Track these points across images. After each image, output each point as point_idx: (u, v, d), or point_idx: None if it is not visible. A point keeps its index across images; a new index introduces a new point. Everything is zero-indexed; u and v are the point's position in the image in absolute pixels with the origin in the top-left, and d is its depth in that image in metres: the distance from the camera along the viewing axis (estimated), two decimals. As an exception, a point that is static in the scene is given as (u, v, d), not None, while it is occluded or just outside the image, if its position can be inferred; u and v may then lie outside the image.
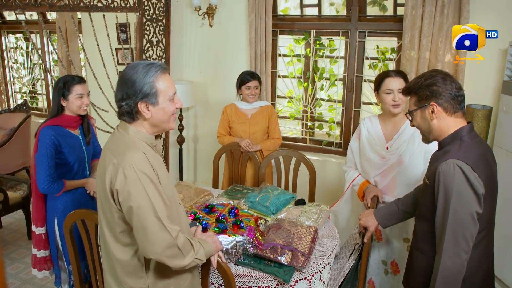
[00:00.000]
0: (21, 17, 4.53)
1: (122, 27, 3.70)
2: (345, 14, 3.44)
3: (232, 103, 3.05)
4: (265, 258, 1.75)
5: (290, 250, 1.74)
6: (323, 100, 3.69)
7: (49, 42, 4.90)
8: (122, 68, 1.81)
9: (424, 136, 1.61)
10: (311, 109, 3.73)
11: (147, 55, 3.41)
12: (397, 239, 2.14)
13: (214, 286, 1.72)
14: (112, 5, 2.96)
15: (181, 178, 4.12)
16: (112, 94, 1.60)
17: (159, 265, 1.41)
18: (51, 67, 5.26)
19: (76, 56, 4.61)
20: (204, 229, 1.78)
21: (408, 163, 2.06)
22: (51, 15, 4.95)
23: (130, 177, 1.28)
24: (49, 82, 5.11)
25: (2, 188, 3.31)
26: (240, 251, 1.75)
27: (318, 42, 3.58)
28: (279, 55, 3.75)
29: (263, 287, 1.69)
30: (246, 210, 2.15)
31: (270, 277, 1.69)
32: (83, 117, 2.28)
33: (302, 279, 1.73)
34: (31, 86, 5.41)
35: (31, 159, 2.21)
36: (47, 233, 2.32)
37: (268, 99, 3.58)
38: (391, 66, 3.36)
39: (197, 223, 1.83)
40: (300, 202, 2.31)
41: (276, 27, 3.63)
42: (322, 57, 3.59)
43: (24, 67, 5.39)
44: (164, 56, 3.59)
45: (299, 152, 2.79)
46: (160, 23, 3.46)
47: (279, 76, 3.80)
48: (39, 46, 5.09)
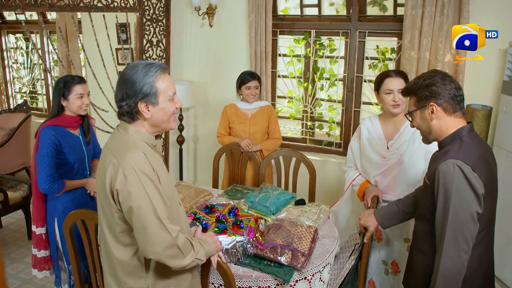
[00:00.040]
0: (21, 17, 4.53)
1: (122, 27, 3.70)
2: (345, 14, 3.44)
3: (232, 103, 3.05)
4: (265, 258, 1.75)
5: (290, 250, 1.74)
6: (323, 100, 3.69)
7: (49, 42, 4.89)
8: (122, 68, 1.81)
9: (424, 137, 1.61)
10: (311, 109, 3.73)
11: (147, 55, 3.41)
12: (398, 239, 2.14)
13: (214, 286, 1.72)
14: (112, 5, 2.96)
15: (181, 178, 4.12)
16: (112, 94, 1.60)
17: (159, 265, 1.41)
18: (51, 67, 5.26)
19: (76, 56, 4.61)
20: (204, 229, 1.78)
21: (409, 163, 2.06)
22: (51, 15, 4.95)
23: (130, 177, 1.28)
24: (49, 82, 5.10)
25: (2, 188, 3.31)
26: (240, 251, 1.75)
27: (318, 42, 3.58)
28: (279, 55, 3.75)
29: (263, 287, 1.69)
30: (246, 210, 2.15)
31: (270, 277, 1.69)
32: (83, 117, 2.29)
33: (302, 279, 1.73)
34: (31, 86, 5.41)
35: (32, 159, 2.21)
36: (47, 233, 2.32)
37: (268, 99, 3.58)
38: (391, 66, 3.35)
39: (197, 223, 1.83)
40: (300, 202, 2.31)
41: (276, 27, 3.63)
42: (322, 57, 3.59)
43: (24, 67, 5.39)
44: (164, 56, 3.59)
45: (299, 152, 2.79)
46: (160, 23, 3.46)
47: (279, 76, 3.80)
48: (39, 46, 5.09)
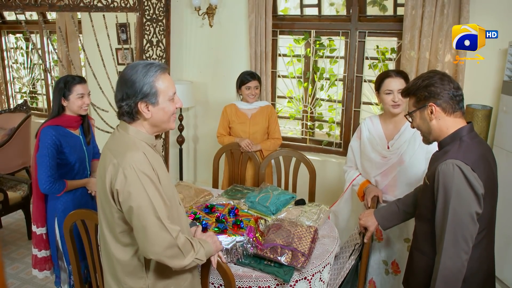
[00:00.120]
0: (21, 17, 4.53)
1: (122, 27, 3.70)
2: (345, 14, 3.44)
3: (232, 103, 3.05)
4: (265, 258, 1.75)
5: (290, 250, 1.74)
6: (323, 100, 3.69)
7: (49, 42, 4.89)
8: (122, 68, 1.81)
9: (424, 137, 1.61)
10: (311, 109, 3.73)
11: (147, 55, 3.41)
12: (398, 239, 2.14)
13: (214, 286, 1.73)
14: (112, 5, 2.96)
15: (181, 178, 4.12)
16: (112, 94, 1.60)
17: (159, 265, 1.41)
18: (51, 67, 5.26)
19: (76, 56, 4.61)
20: (204, 229, 1.78)
21: (409, 163, 2.06)
22: (51, 15, 4.95)
23: (130, 177, 1.28)
24: (49, 82, 5.11)
25: (2, 188, 3.31)
26: (240, 251, 1.75)
27: (318, 42, 3.58)
28: (279, 55, 3.75)
29: (263, 287, 1.69)
30: (246, 210, 2.15)
31: (270, 277, 1.69)
32: (84, 117, 2.29)
33: (302, 279, 1.73)
34: (31, 86, 5.41)
35: (32, 159, 2.21)
36: (48, 233, 2.32)
37: (268, 99, 3.58)
38: (391, 66, 3.35)
39: (197, 223, 1.83)
40: (300, 202, 2.31)
41: (276, 27, 3.63)
42: (322, 57, 3.59)
43: (24, 67, 5.39)
44: (164, 56, 3.59)
45: (299, 152, 2.79)
46: (160, 23, 3.46)
47: (279, 76, 3.80)
48: (39, 46, 5.09)
